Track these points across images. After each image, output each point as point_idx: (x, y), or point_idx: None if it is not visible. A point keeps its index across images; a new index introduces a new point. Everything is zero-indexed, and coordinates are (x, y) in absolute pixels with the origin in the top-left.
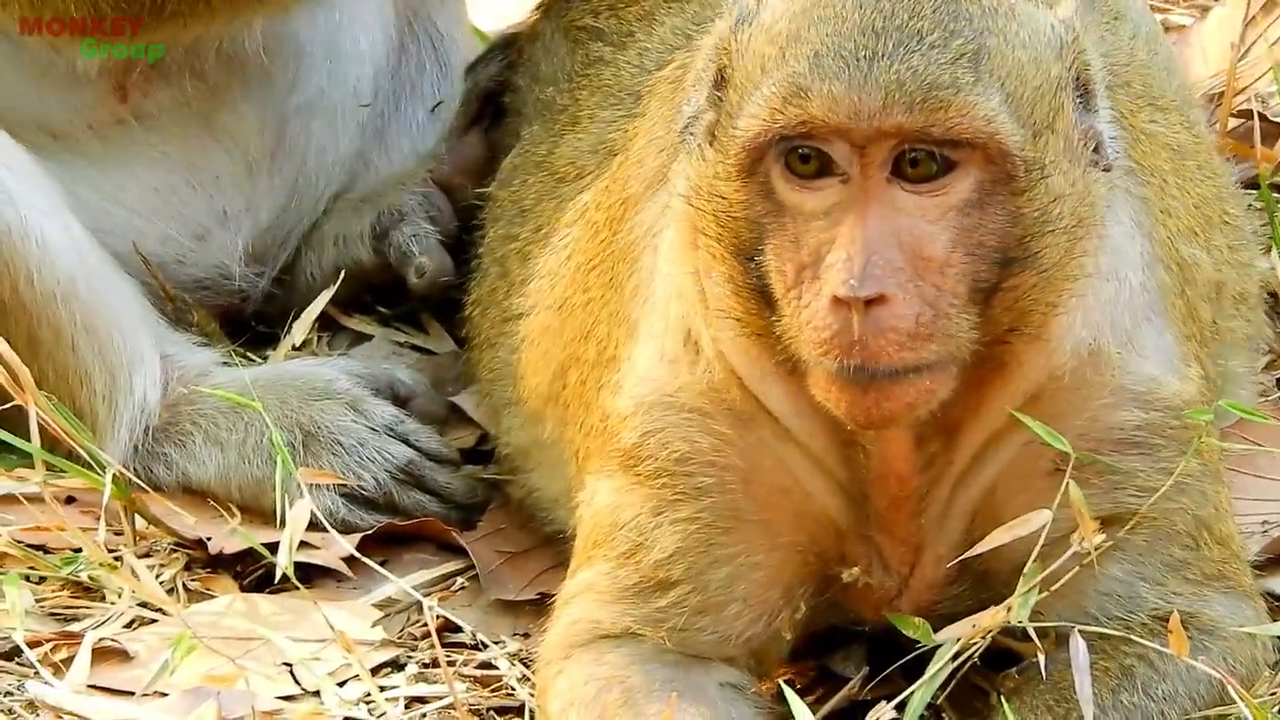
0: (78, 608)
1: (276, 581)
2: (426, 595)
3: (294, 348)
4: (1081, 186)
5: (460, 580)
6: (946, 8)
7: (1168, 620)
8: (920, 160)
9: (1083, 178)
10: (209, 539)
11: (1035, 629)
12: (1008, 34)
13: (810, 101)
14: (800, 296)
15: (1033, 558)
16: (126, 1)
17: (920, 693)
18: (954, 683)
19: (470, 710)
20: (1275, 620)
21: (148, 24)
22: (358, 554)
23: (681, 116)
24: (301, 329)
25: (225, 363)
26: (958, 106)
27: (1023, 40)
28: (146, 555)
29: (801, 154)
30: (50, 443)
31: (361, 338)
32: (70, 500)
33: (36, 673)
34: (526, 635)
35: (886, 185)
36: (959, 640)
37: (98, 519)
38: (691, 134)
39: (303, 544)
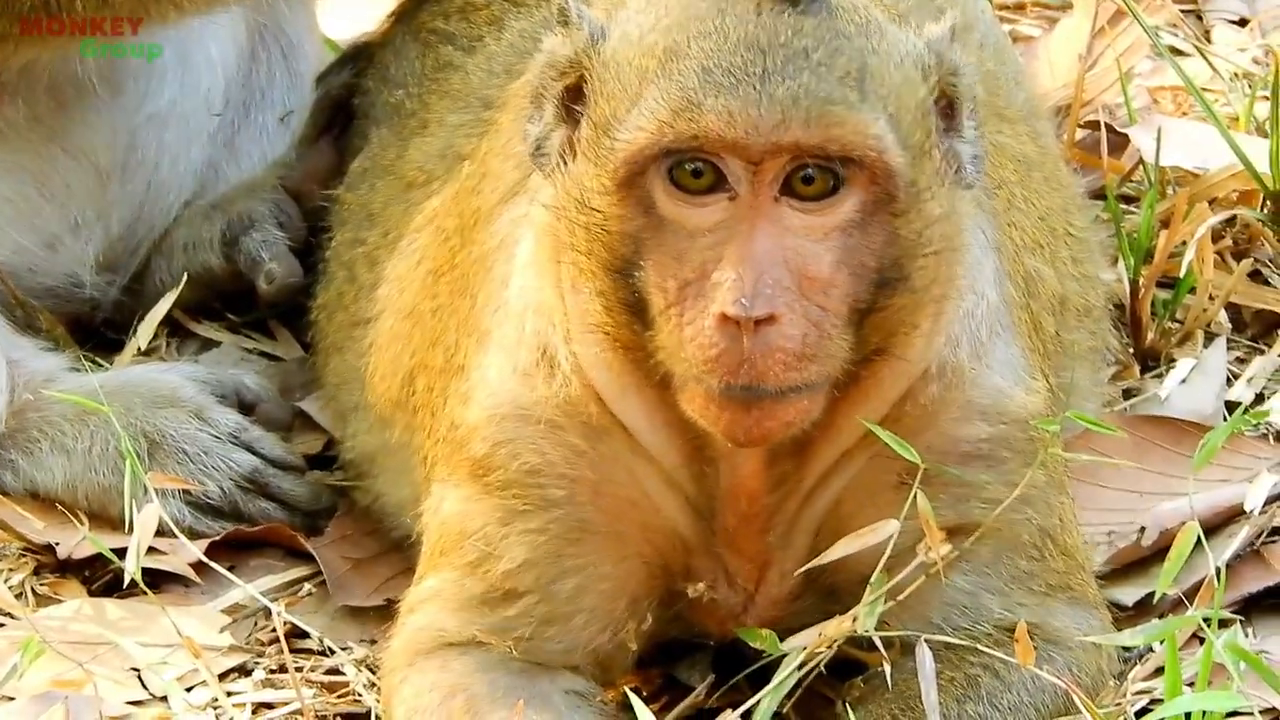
0: None
1: (125, 587)
2: (274, 601)
3: (142, 353)
4: (949, 208)
5: (308, 586)
6: (827, 25)
7: (1014, 631)
8: (815, 177)
9: (949, 199)
10: (57, 544)
11: (881, 638)
12: (883, 54)
13: (703, 115)
14: (682, 314)
15: (879, 567)
16: None
17: (766, 701)
18: (800, 691)
19: (317, 716)
20: (1120, 630)
21: None
22: (205, 559)
23: (527, 136)
24: (146, 332)
25: (73, 368)
26: (852, 124)
27: (897, 61)
28: None
29: (693, 169)
30: None
31: (210, 344)
32: None
33: None
34: (374, 641)
35: (774, 203)
36: (805, 649)
37: None
38: (543, 154)
39: (150, 550)
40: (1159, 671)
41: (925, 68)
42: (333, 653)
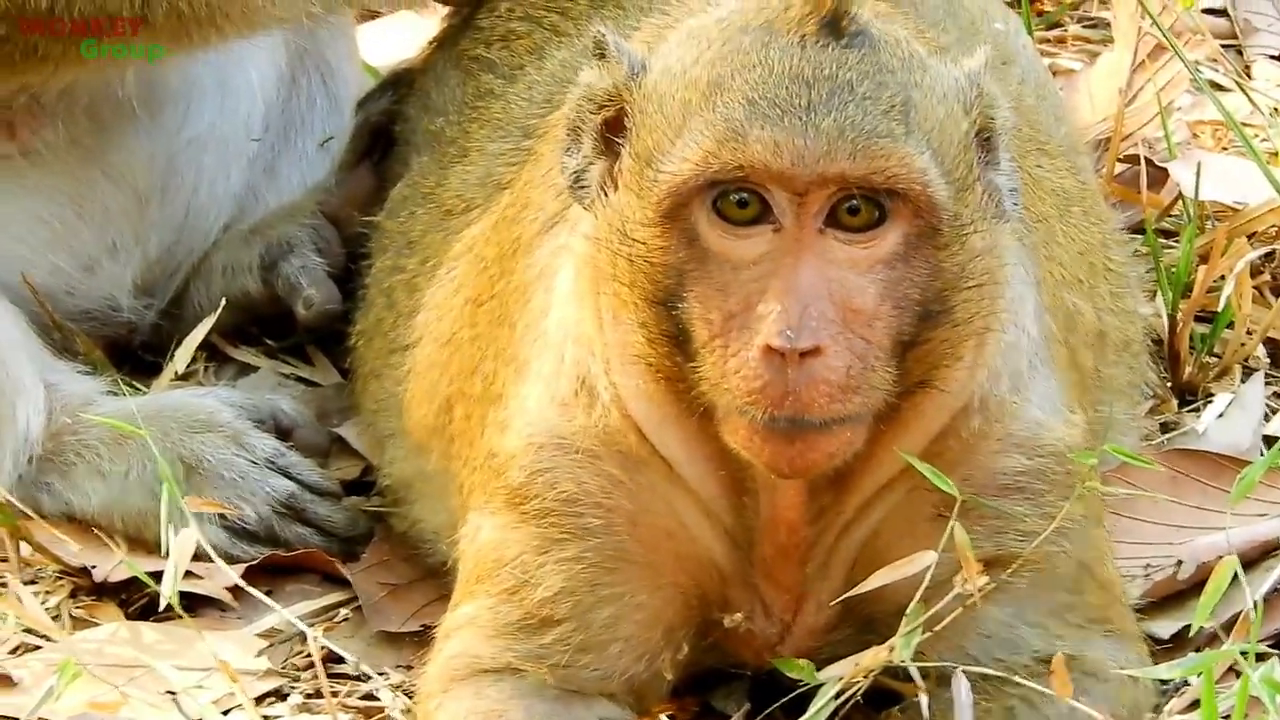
0: None
1: (161, 610)
2: (310, 626)
3: (179, 377)
4: (991, 241)
5: (344, 611)
6: (871, 59)
7: (1050, 663)
8: (860, 208)
9: (991, 232)
10: (94, 567)
11: (918, 669)
12: (925, 88)
13: (749, 146)
14: (727, 345)
15: (916, 597)
16: (1, 44)
17: None
18: None
19: None
20: (1157, 663)
21: (19, 67)
22: (242, 583)
23: (566, 168)
24: (183, 356)
25: (110, 392)
26: (898, 156)
27: (940, 95)
28: (32, 582)
29: (739, 200)
30: None
31: (248, 369)
32: None
33: None
34: (409, 667)
35: (819, 235)
36: (841, 679)
37: None
38: (582, 185)
39: (187, 573)
40: (1195, 705)
41: (967, 101)
42: (368, 678)
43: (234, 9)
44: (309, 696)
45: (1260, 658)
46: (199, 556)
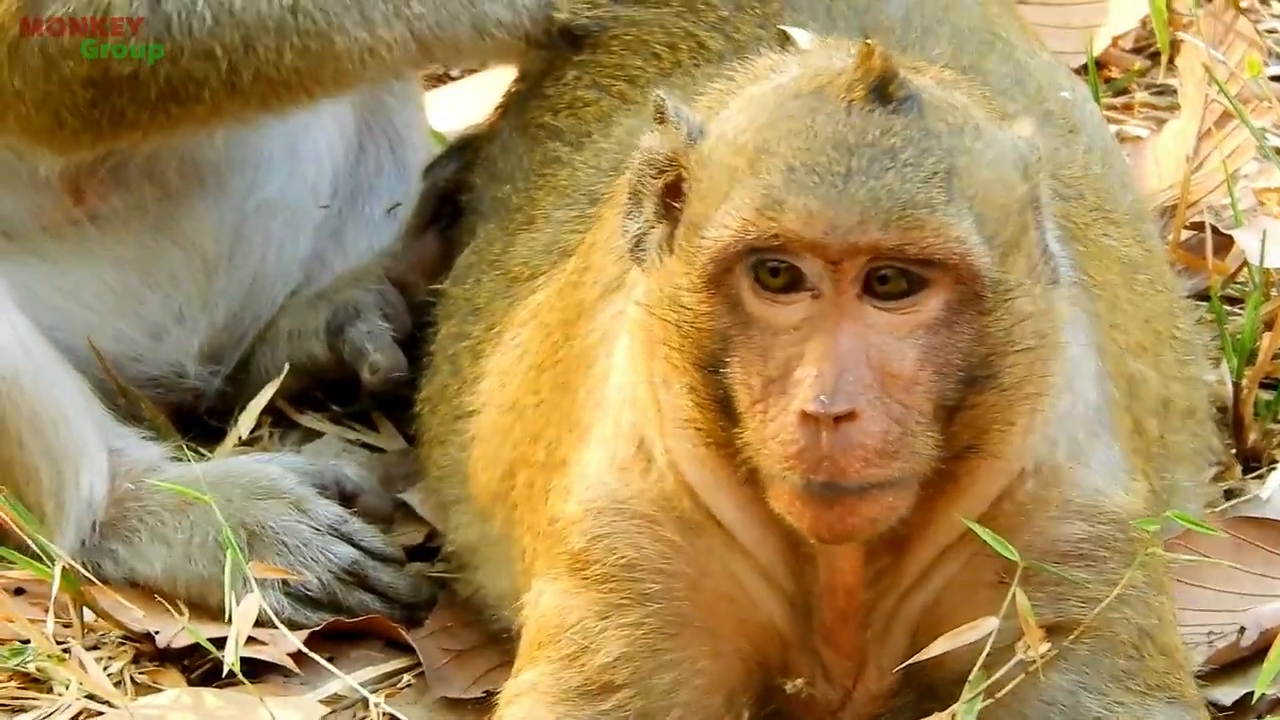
0: (25, 699)
1: (224, 676)
2: (373, 692)
3: (244, 442)
4: (1044, 305)
5: (407, 677)
6: (917, 125)
7: None
8: (891, 278)
9: (1044, 296)
10: (157, 632)
11: None
12: (975, 153)
13: (784, 214)
14: (766, 410)
15: (978, 664)
16: (88, 109)
17: None
18: None
19: None
20: None
21: (107, 133)
22: (305, 649)
23: (627, 232)
24: (248, 422)
25: (175, 457)
26: (933, 226)
27: (989, 160)
28: (94, 648)
29: (772, 267)
30: None
31: (313, 434)
32: (19, 592)
33: None
34: None
35: (857, 301)
36: None
37: (46, 611)
38: (642, 249)
39: (250, 639)
40: None
41: (1026, 166)
42: None
43: (324, 74)
44: None
45: None
46: (261, 623)
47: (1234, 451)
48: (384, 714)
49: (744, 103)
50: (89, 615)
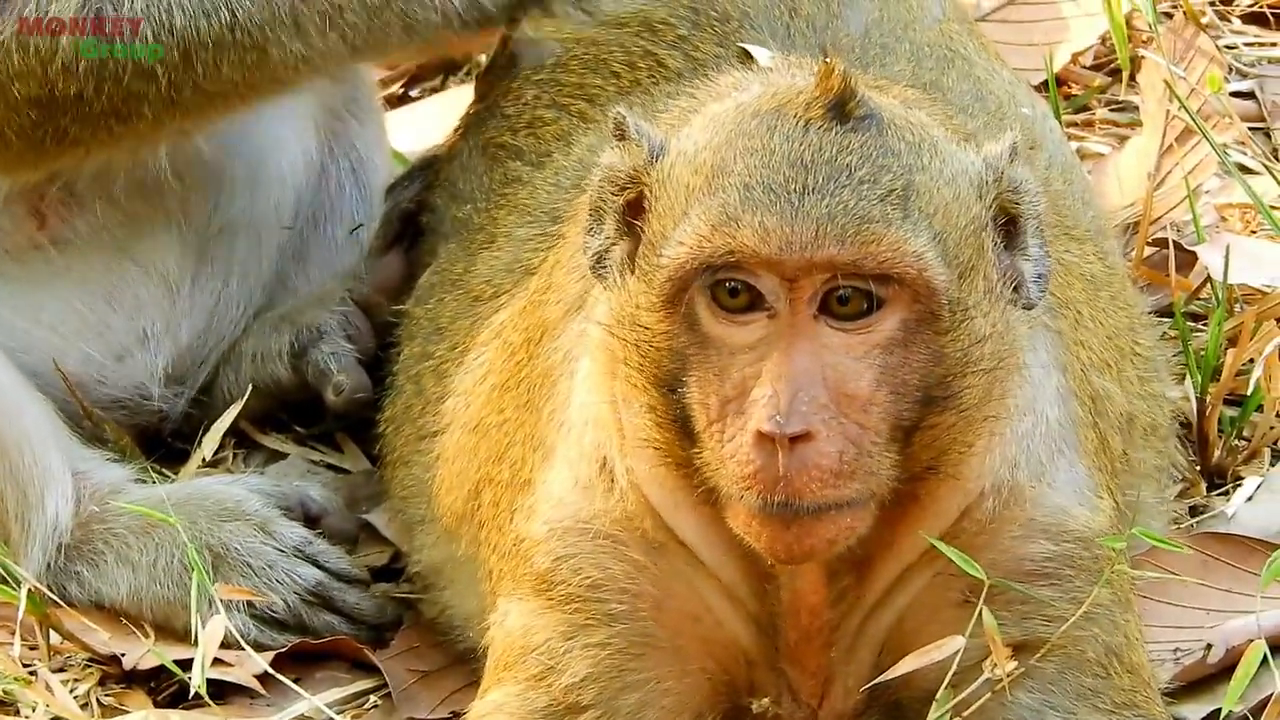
0: None
1: (190, 698)
2: (340, 713)
3: (209, 464)
4: (1002, 327)
5: (373, 698)
6: (874, 143)
7: None
8: (850, 297)
9: (1003, 318)
10: (123, 654)
11: None
12: (933, 172)
13: (740, 231)
14: (723, 430)
15: (945, 683)
16: (32, 129)
17: None
18: None
19: None
20: None
21: (51, 152)
22: (272, 671)
23: (588, 249)
24: (211, 443)
25: (139, 480)
26: (889, 241)
27: (947, 178)
28: (61, 670)
29: (730, 287)
30: None
31: (277, 455)
32: None
33: None
34: None
35: (813, 321)
36: None
37: (12, 634)
38: (604, 266)
39: (216, 661)
40: None
41: (982, 185)
42: None
43: (260, 82)
44: None
45: None
46: (227, 644)
47: (1199, 468)
48: None
49: (705, 121)
50: (55, 638)
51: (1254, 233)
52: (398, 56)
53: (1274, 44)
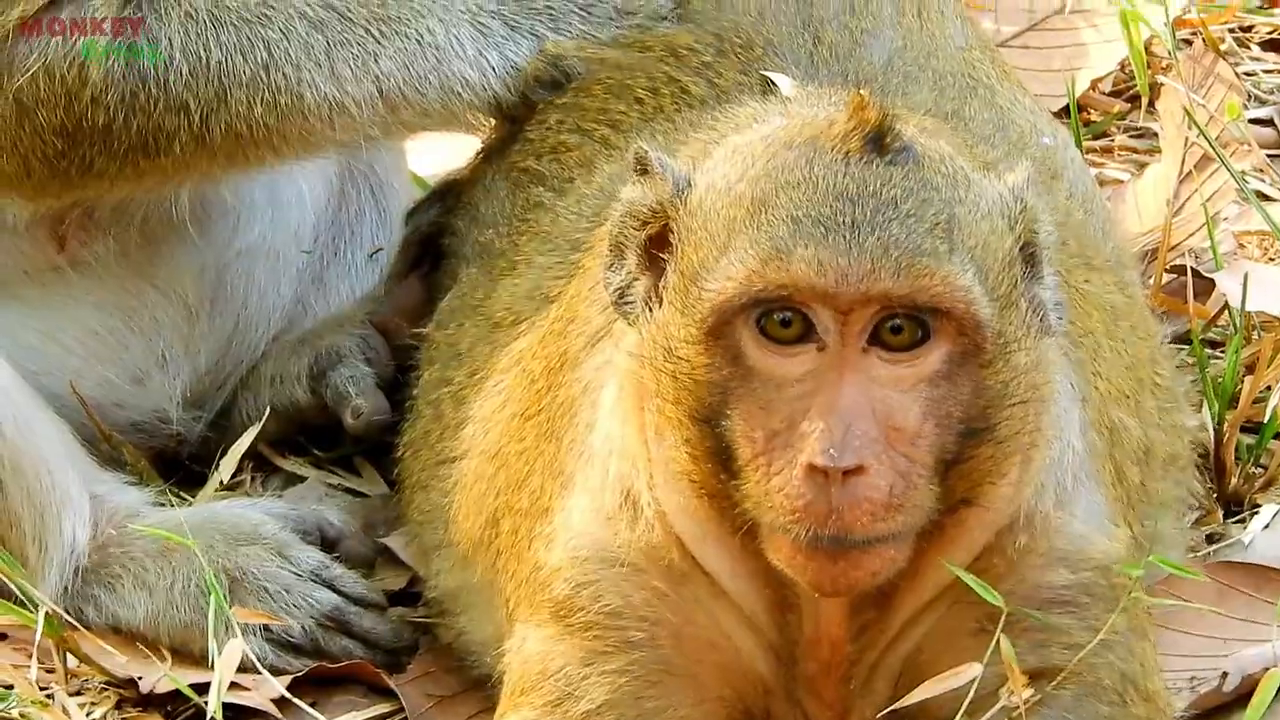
0: None
1: None
2: None
3: (227, 487)
4: (1037, 357)
5: None
6: (915, 175)
7: None
8: (904, 327)
9: (1036, 348)
10: (140, 678)
11: None
12: (970, 205)
13: (792, 264)
14: (770, 463)
15: (961, 711)
16: (56, 158)
17: None
18: None
19: None
20: None
21: (75, 182)
22: (289, 695)
23: (609, 284)
24: (228, 466)
25: (157, 503)
26: (941, 275)
27: (984, 211)
28: (78, 693)
29: (782, 319)
30: None
31: (295, 479)
32: (2, 637)
33: None
34: None
35: (862, 354)
36: None
37: (30, 656)
38: (626, 301)
39: (233, 685)
40: None
41: (1011, 217)
42: None
43: (292, 131)
44: None
45: None
46: (244, 668)
47: (1215, 496)
48: None
49: (731, 152)
50: (72, 661)
51: (1272, 260)
52: (437, 125)
53: None
